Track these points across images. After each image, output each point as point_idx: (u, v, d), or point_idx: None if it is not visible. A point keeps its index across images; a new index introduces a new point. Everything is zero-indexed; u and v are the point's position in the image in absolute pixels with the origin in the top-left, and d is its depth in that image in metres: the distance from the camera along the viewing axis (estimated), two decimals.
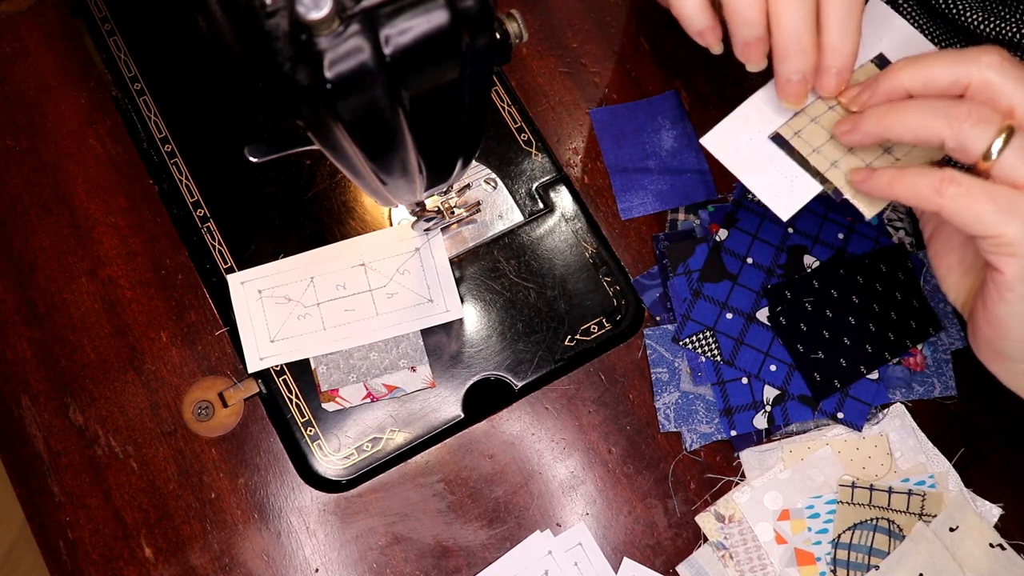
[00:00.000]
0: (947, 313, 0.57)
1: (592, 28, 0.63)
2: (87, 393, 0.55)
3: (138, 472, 0.54)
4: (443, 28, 0.31)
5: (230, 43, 0.34)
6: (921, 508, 0.53)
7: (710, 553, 0.54)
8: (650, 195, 0.60)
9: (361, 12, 0.30)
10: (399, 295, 0.57)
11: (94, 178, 0.59)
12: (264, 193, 0.59)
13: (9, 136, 0.60)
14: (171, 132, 0.60)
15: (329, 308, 0.56)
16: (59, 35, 0.62)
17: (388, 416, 0.55)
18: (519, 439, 0.56)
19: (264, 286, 0.57)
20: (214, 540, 0.54)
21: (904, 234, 0.59)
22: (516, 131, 0.61)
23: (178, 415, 0.55)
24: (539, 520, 0.54)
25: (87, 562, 0.53)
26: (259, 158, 0.44)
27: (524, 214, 0.59)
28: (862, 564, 0.52)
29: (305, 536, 0.54)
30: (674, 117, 0.61)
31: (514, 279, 0.58)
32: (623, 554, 0.54)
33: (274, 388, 0.56)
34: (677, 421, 0.56)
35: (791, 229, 0.58)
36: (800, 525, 0.53)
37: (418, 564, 0.54)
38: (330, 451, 0.55)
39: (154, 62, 0.61)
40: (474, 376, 0.56)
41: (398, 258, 0.58)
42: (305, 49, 0.30)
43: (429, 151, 0.40)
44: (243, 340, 0.56)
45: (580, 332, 0.57)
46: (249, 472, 0.55)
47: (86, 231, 0.58)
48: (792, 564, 0.53)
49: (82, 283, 0.57)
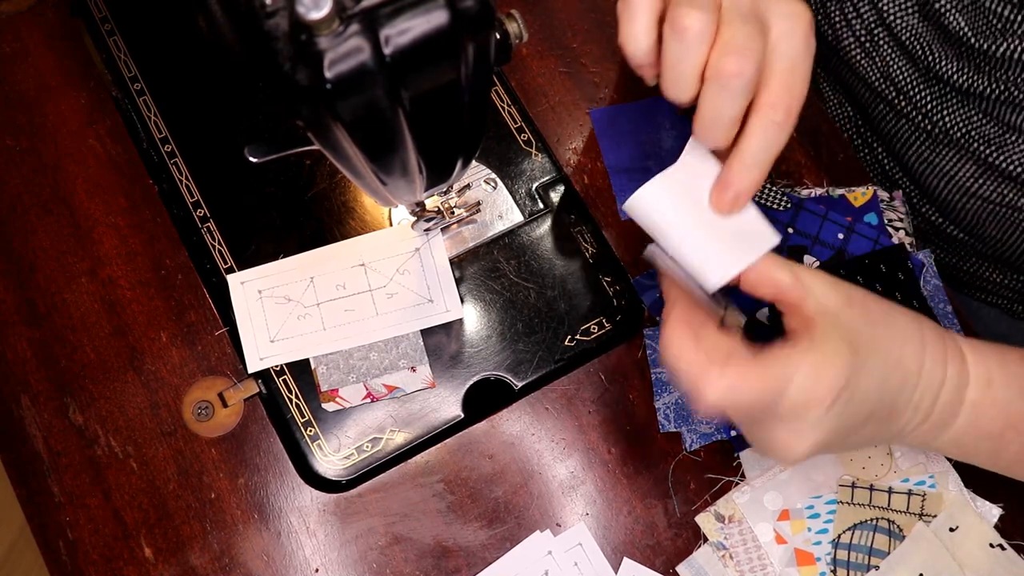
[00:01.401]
0: (947, 313, 0.57)
1: (592, 28, 0.63)
2: (87, 393, 0.55)
3: (138, 472, 0.54)
4: (443, 28, 0.31)
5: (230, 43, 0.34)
6: (921, 508, 0.53)
7: (710, 553, 0.54)
8: None
9: (361, 12, 0.30)
10: (399, 295, 0.57)
11: (94, 178, 0.59)
12: (264, 193, 0.59)
13: (9, 136, 0.60)
14: (171, 132, 0.60)
15: (329, 308, 0.56)
16: (59, 35, 0.62)
17: (388, 416, 0.55)
18: (519, 439, 0.56)
19: (264, 286, 0.57)
20: (214, 540, 0.54)
21: (904, 234, 0.59)
22: (516, 131, 0.61)
23: (178, 415, 0.55)
24: (539, 520, 0.54)
25: (87, 562, 0.53)
26: (259, 158, 0.44)
27: (524, 214, 0.59)
28: (862, 564, 0.52)
29: (305, 536, 0.54)
30: (674, 117, 0.61)
31: (514, 279, 0.58)
32: (623, 554, 0.54)
33: (274, 388, 0.56)
34: (677, 421, 0.56)
35: (791, 229, 0.58)
36: (800, 525, 0.53)
37: (418, 564, 0.54)
38: (330, 451, 0.55)
39: (154, 62, 0.61)
40: (474, 376, 0.56)
41: (398, 258, 0.58)
42: (305, 49, 0.30)
43: (429, 151, 0.40)
44: (243, 340, 0.56)
45: (580, 332, 0.57)
46: (249, 472, 0.55)
47: (86, 231, 0.58)
48: (792, 564, 0.53)
49: (82, 283, 0.57)
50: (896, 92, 0.63)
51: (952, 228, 0.68)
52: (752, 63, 0.40)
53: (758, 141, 0.42)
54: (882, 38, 0.62)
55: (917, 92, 0.62)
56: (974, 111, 0.59)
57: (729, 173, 0.43)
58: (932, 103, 0.61)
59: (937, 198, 0.66)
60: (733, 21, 0.41)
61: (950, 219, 0.67)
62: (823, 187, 0.60)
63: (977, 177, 0.62)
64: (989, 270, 0.69)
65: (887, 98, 0.63)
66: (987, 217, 0.64)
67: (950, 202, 0.65)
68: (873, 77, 0.64)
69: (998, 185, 0.61)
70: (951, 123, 0.61)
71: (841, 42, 0.64)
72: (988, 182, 0.62)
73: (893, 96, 0.63)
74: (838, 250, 0.58)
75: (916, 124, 0.63)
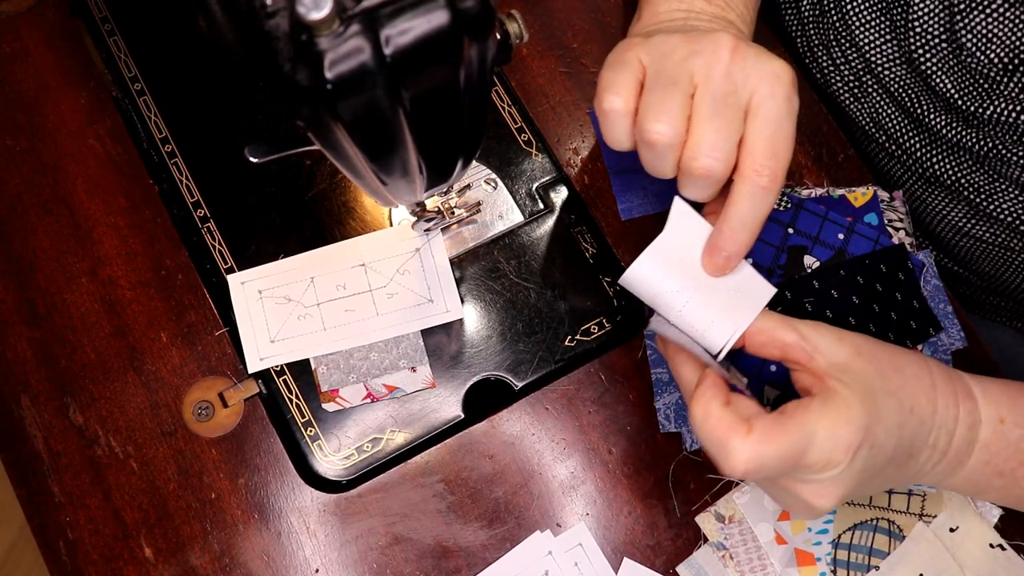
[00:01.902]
0: (947, 313, 0.57)
1: (592, 28, 0.63)
2: (87, 393, 0.55)
3: (138, 472, 0.54)
4: (443, 29, 0.31)
5: (230, 43, 0.34)
6: (921, 508, 0.53)
7: (710, 553, 0.54)
8: (650, 195, 0.60)
9: (361, 12, 0.30)
10: (399, 295, 0.57)
11: (94, 178, 0.59)
12: (264, 193, 0.59)
13: (9, 136, 0.60)
14: (171, 132, 0.60)
15: (329, 308, 0.56)
16: (59, 35, 0.62)
17: (388, 416, 0.55)
18: (519, 439, 0.56)
19: (264, 286, 0.57)
20: (214, 540, 0.54)
21: (904, 234, 0.59)
22: (516, 131, 0.61)
23: (178, 415, 0.55)
24: (539, 520, 0.54)
25: (87, 562, 0.53)
26: (259, 158, 0.44)
27: (524, 214, 0.59)
28: (862, 564, 0.52)
29: (305, 536, 0.54)
30: None
31: (514, 279, 0.58)
32: (623, 554, 0.54)
33: (274, 388, 0.56)
34: (677, 421, 0.56)
35: (791, 229, 0.58)
36: (800, 525, 0.53)
37: (418, 564, 0.54)
38: (330, 451, 0.55)
39: (154, 62, 0.61)
40: (474, 376, 0.56)
41: (398, 258, 0.58)
42: (305, 49, 0.30)
43: (429, 151, 0.40)
44: (243, 340, 0.56)
45: (580, 332, 0.57)
46: (249, 472, 0.55)
47: (86, 231, 0.58)
48: (792, 564, 0.53)
49: (82, 283, 0.57)
50: (886, 138, 0.62)
51: (948, 262, 0.68)
52: (721, 162, 0.43)
53: (745, 206, 0.43)
54: (870, 86, 0.61)
55: (907, 139, 0.61)
56: (964, 160, 0.59)
57: (719, 238, 0.44)
58: (922, 150, 0.60)
59: (931, 235, 0.66)
60: (702, 118, 0.42)
61: (945, 254, 0.67)
62: (823, 187, 0.60)
63: (969, 218, 0.61)
64: (987, 296, 0.69)
65: (878, 141, 0.63)
66: (981, 255, 0.64)
67: (944, 239, 0.65)
68: (863, 122, 0.63)
69: (990, 227, 0.61)
70: (941, 170, 0.60)
71: (830, 87, 0.63)
72: (980, 224, 0.61)
73: (884, 141, 0.62)
74: (838, 250, 0.58)
75: (907, 167, 0.63)
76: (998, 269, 0.64)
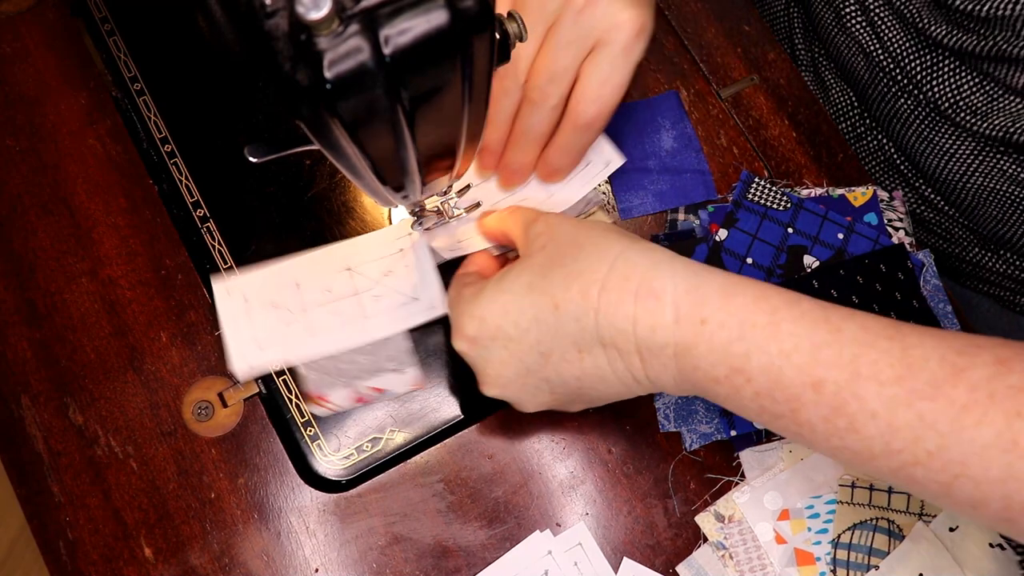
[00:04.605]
0: (947, 313, 0.57)
1: None
2: (87, 393, 0.56)
3: (138, 472, 0.54)
4: (443, 28, 0.31)
5: (230, 43, 0.34)
6: (921, 508, 0.53)
7: (710, 553, 0.54)
8: (650, 195, 0.60)
9: (361, 12, 0.30)
10: (386, 297, 0.56)
11: (94, 178, 0.59)
12: (264, 193, 0.59)
13: (9, 136, 0.60)
14: (171, 132, 0.60)
15: (316, 313, 0.56)
16: (59, 35, 0.62)
17: (388, 416, 0.55)
18: (519, 439, 0.56)
19: (250, 293, 0.56)
20: (214, 540, 0.54)
21: (904, 234, 0.59)
22: None
23: (178, 415, 0.55)
24: (539, 520, 0.54)
25: (87, 562, 0.53)
26: (259, 158, 0.44)
27: None
28: (862, 564, 0.52)
29: (305, 536, 0.54)
30: (674, 117, 0.61)
31: None
32: (623, 554, 0.54)
33: (274, 388, 0.56)
34: (677, 421, 0.56)
35: (791, 229, 0.58)
36: (800, 525, 0.53)
37: (418, 564, 0.54)
38: (330, 451, 0.55)
39: (154, 62, 0.61)
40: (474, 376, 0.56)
41: (385, 260, 0.57)
42: (305, 49, 0.30)
43: (429, 151, 0.40)
44: (231, 347, 0.54)
45: None
46: (249, 472, 0.55)
47: (86, 231, 0.58)
48: (792, 564, 0.53)
49: (82, 283, 0.57)
50: (891, 61, 0.64)
51: (953, 211, 0.68)
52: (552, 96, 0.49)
53: (567, 137, 0.51)
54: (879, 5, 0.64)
55: (910, 61, 0.63)
56: (965, 77, 0.60)
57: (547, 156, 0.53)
58: (922, 73, 0.63)
59: (938, 179, 0.66)
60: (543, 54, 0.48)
61: (951, 201, 0.67)
62: (823, 187, 0.60)
63: (976, 153, 0.63)
64: (989, 258, 0.69)
65: (884, 67, 0.65)
66: (988, 196, 0.64)
67: (950, 181, 0.65)
68: (871, 47, 0.65)
69: (998, 160, 0.62)
70: (939, 93, 0.62)
71: (843, 10, 0.66)
72: (987, 157, 0.62)
73: (889, 65, 0.64)
74: (838, 250, 0.58)
75: (912, 96, 0.64)
76: (1005, 211, 0.65)
